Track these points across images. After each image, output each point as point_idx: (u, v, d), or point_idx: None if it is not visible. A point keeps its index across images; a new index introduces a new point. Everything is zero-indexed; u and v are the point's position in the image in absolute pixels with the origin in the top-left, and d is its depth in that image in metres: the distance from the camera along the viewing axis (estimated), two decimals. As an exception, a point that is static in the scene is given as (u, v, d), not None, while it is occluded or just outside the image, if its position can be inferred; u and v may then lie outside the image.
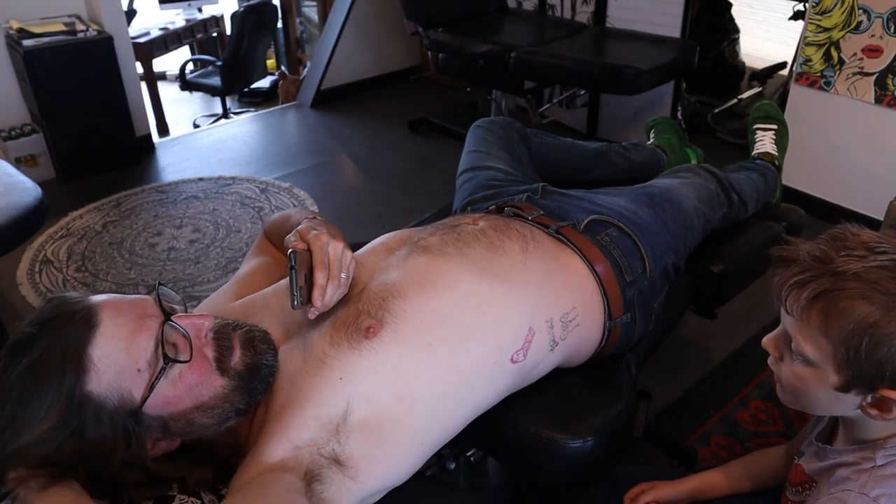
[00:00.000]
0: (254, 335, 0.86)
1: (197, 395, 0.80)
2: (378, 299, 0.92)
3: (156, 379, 0.77)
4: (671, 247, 1.23)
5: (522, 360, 0.97)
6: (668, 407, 1.86)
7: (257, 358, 0.85)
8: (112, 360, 0.75)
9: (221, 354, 0.82)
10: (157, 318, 0.80)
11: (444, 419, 0.89)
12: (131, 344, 0.77)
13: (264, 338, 0.87)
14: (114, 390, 0.75)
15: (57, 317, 0.77)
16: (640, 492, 1.10)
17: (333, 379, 0.84)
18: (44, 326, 0.76)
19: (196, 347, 0.80)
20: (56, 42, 2.96)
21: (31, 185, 1.78)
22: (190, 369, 0.79)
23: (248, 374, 0.83)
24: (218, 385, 0.81)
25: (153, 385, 0.77)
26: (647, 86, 2.62)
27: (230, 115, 4.75)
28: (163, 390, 0.78)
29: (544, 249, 1.08)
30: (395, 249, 1.05)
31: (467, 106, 3.78)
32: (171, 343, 0.79)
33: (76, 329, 0.75)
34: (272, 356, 0.87)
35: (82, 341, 0.75)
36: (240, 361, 0.83)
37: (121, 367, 0.76)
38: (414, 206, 2.91)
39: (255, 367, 0.84)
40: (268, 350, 0.86)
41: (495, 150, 1.47)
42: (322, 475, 0.78)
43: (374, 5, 4.03)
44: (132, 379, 0.76)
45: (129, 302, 0.81)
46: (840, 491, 0.80)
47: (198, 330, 0.82)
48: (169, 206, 2.99)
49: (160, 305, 0.82)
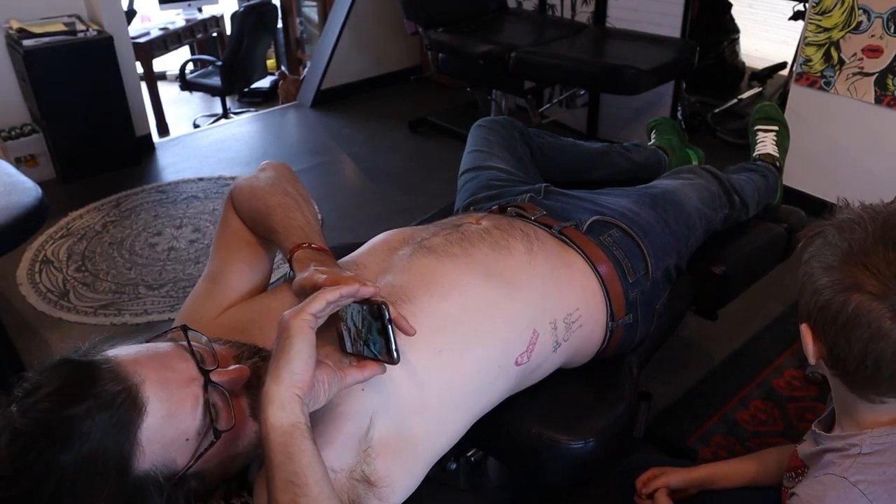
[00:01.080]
0: None
1: (233, 448, 0.78)
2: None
3: (205, 450, 0.75)
4: (673, 248, 1.23)
5: (527, 361, 0.97)
6: (668, 407, 1.86)
7: None
8: (161, 437, 0.72)
9: (254, 400, 0.78)
10: (198, 380, 0.75)
11: (451, 424, 0.89)
12: (179, 418, 0.73)
13: None
14: (160, 464, 0.72)
15: (97, 397, 0.69)
16: (652, 476, 1.10)
17: (356, 390, 0.80)
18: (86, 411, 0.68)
19: (234, 401, 0.77)
20: (56, 42, 2.96)
21: (31, 185, 1.77)
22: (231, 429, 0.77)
23: None
24: (251, 432, 0.79)
25: (201, 454, 0.75)
26: (647, 86, 2.62)
27: (230, 115, 4.74)
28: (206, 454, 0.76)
29: (548, 250, 1.08)
30: (397, 249, 1.04)
31: (467, 106, 3.78)
32: (214, 405, 0.75)
33: (124, 415, 0.69)
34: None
35: (133, 429, 0.69)
36: None
37: (169, 442, 0.73)
38: (414, 206, 2.91)
39: None
40: None
41: (497, 150, 1.47)
42: (362, 500, 0.76)
43: (374, 5, 4.03)
44: (179, 449, 0.74)
45: (168, 366, 0.75)
46: (823, 474, 0.81)
47: (235, 385, 0.78)
48: (169, 206, 2.99)
49: (193, 357, 0.77)
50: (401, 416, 0.83)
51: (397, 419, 0.82)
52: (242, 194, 1.04)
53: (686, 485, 1.09)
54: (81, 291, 2.42)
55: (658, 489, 1.08)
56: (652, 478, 1.10)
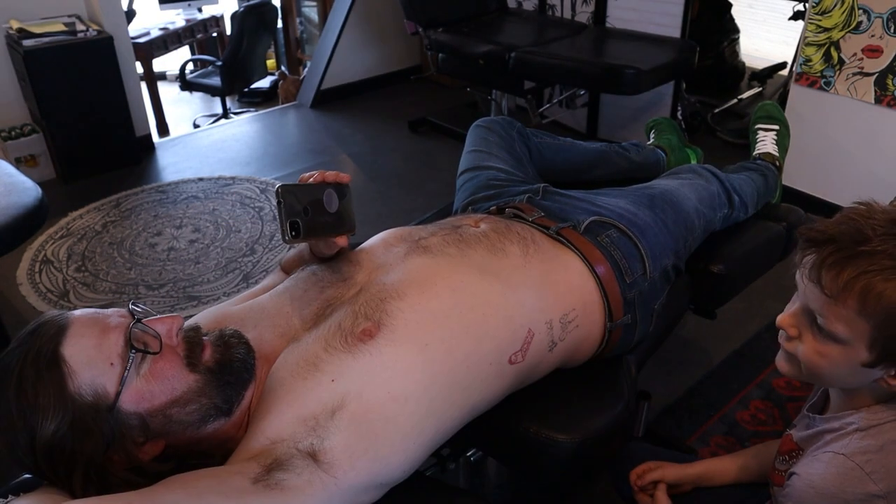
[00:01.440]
0: (224, 334, 0.88)
1: (170, 389, 0.81)
2: (376, 300, 0.92)
3: (126, 370, 0.78)
4: (671, 248, 1.23)
5: (521, 360, 0.97)
6: (668, 407, 1.86)
7: (228, 352, 0.86)
8: (83, 356, 0.78)
9: (191, 352, 0.84)
10: (127, 319, 0.83)
11: (439, 419, 0.89)
12: (101, 341, 0.79)
13: (235, 333, 0.89)
14: (88, 386, 0.77)
15: (33, 331, 0.80)
16: (647, 469, 1.10)
17: (325, 382, 0.84)
18: (21, 341, 0.80)
19: (166, 345, 0.82)
20: (56, 42, 2.96)
21: (31, 185, 1.78)
22: (160, 363, 0.81)
23: (220, 368, 0.85)
24: (190, 380, 0.82)
25: (124, 377, 0.78)
26: (647, 86, 2.62)
27: (230, 115, 4.75)
28: (135, 384, 0.79)
29: (544, 252, 1.08)
30: (393, 247, 1.05)
31: (467, 106, 3.79)
32: (141, 342, 0.81)
33: (48, 335, 0.79)
34: (244, 350, 0.88)
35: (54, 343, 0.78)
36: (210, 358, 0.85)
37: (92, 362, 0.78)
38: (414, 206, 2.91)
39: (225, 362, 0.85)
40: (239, 345, 0.88)
41: (496, 150, 1.47)
42: (289, 464, 0.78)
43: (374, 5, 4.03)
44: (105, 374, 0.78)
45: (102, 310, 0.84)
46: (822, 453, 0.84)
47: (168, 329, 0.83)
48: (169, 207, 2.99)
49: (129, 310, 0.84)
50: (379, 402, 0.84)
51: (373, 405, 0.83)
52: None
53: (681, 480, 1.09)
54: (81, 291, 2.43)
55: (658, 486, 1.08)
56: (647, 471, 1.10)
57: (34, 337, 0.79)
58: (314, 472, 0.78)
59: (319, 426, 0.81)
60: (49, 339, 0.78)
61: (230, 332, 0.89)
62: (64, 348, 0.78)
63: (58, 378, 0.76)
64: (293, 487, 0.76)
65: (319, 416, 0.81)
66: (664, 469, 1.09)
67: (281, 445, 0.80)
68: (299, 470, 0.77)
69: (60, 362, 0.77)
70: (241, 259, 2.60)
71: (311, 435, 0.80)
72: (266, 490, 0.74)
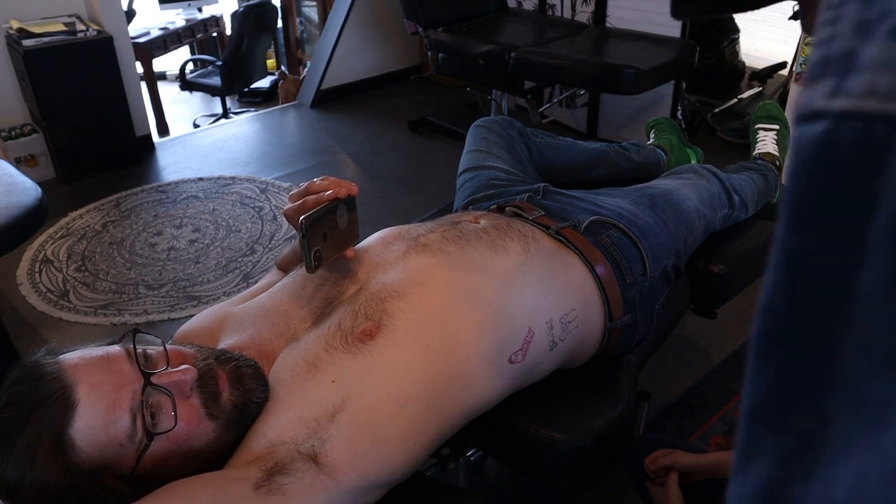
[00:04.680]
0: (242, 373, 0.84)
1: (188, 447, 0.79)
2: (376, 300, 0.92)
3: (141, 453, 0.77)
4: (671, 248, 1.23)
5: (521, 360, 0.97)
6: (668, 407, 1.86)
7: (247, 396, 0.83)
8: (92, 440, 0.75)
9: (208, 400, 0.81)
10: (136, 382, 0.77)
11: (440, 419, 0.88)
12: (109, 423, 0.75)
13: (255, 374, 0.85)
14: (99, 465, 0.75)
15: (34, 399, 0.74)
16: (661, 454, 1.10)
17: (325, 382, 0.84)
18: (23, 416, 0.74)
19: (181, 401, 0.79)
20: (56, 42, 2.96)
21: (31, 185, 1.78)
22: (178, 427, 0.78)
23: (238, 413, 0.82)
24: (209, 431, 0.80)
25: (140, 458, 0.77)
26: (647, 86, 2.62)
27: (230, 114, 4.74)
28: (151, 452, 0.77)
29: (545, 250, 1.08)
30: (391, 244, 1.05)
31: (467, 106, 3.78)
32: (153, 405, 0.77)
33: (54, 413, 0.74)
34: (262, 392, 0.85)
35: (61, 426, 0.73)
36: (228, 402, 0.82)
37: (103, 446, 0.75)
38: (414, 205, 2.91)
39: (244, 406, 0.83)
40: (258, 388, 0.84)
41: (496, 150, 1.47)
42: (291, 468, 0.77)
43: (374, 5, 4.03)
44: (117, 453, 0.76)
45: (104, 369, 0.78)
46: None
47: (181, 387, 0.79)
48: (169, 206, 2.99)
49: (136, 362, 0.79)
50: (380, 403, 0.83)
51: (374, 405, 0.83)
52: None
53: (693, 469, 1.08)
54: (81, 291, 2.43)
55: (670, 476, 1.08)
56: (661, 456, 1.10)
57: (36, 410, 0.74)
58: (315, 475, 0.78)
59: (320, 428, 0.80)
60: (56, 420, 0.73)
61: (248, 372, 0.85)
62: (73, 432, 0.74)
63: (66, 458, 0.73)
64: (295, 492, 0.76)
65: (320, 418, 0.81)
66: (677, 455, 1.08)
67: (282, 448, 0.79)
68: (300, 473, 0.77)
69: (70, 447, 0.74)
70: (241, 259, 2.60)
71: (311, 437, 0.80)
72: (268, 496, 0.74)
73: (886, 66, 0.18)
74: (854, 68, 0.19)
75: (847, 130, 0.18)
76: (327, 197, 0.95)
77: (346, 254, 0.99)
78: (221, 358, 0.85)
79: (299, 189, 1.00)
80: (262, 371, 0.87)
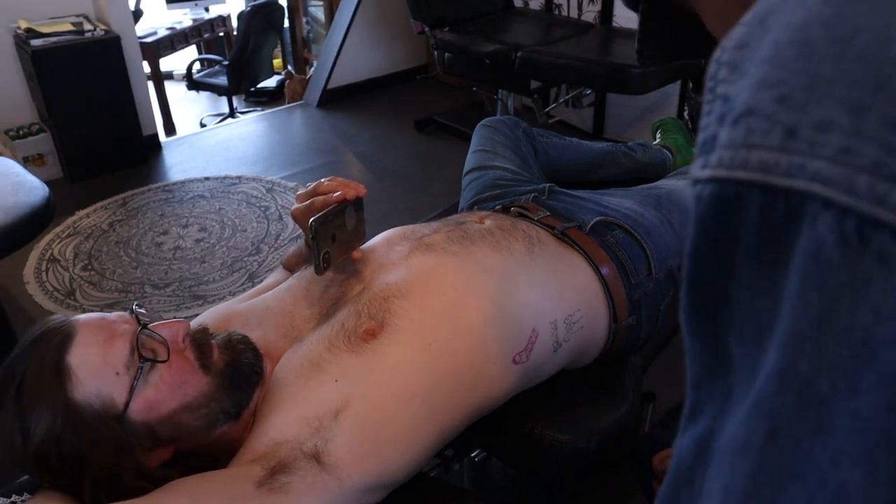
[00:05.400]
0: (231, 338, 0.88)
1: (182, 394, 0.81)
2: (379, 299, 0.92)
3: (135, 380, 0.78)
4: (677, 249, 1.22)
5: (525, 361, 0.97)
6: (673, 408, 1.85)
7: (237, 356, 0.86)
8: (89, 365, 0.77)
9: (202, 354, 0.84)
10: (133, 325, 0.82)
11: (443, 419, 0.88)
12: (107, 349, 0.79)
13: (242, 339, 0.89)
14: (95, 396, 0.77)
15: (38, 337, 0.80)
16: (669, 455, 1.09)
17: (328, 382, 0.84)
18: (26, 348, 0.79)
19: (175, 350, 0.82)
20: (64, 42, 2.98)
21: (38, 185, 1.79)
22: (170, 369, 0.80)
23: (231, 371, 0.85)
24: (203, 383, 0.82)
25: (133, 387, 0.78)
26: (653, 85, 2.61)
27: (236, 114, 4.76)
28: (145, 393, 0.79)
29: (550, 251, 1.08)
30: (395, 244, 1.05)
31: (473, 106, 3.78)
32: (149, 349, 0.81)
33: (54, 342, 0.78)
34: (252, 355, 0.88)
35: (60, 351, 0.78)
36: (220, 360, 0.85)
37: (98, 372, 0.77)
38: (419, 205, 2.91)
39: (236, 364, 0.85)
40: (247, 349, 0.88)
41: (502, 150, 1.47)
42: (293, 467, 0.77)
43: (381, 5, 4.03)
44: (112, 384, 0.78)
45: (107, 315, 0.83)
46: None
47: (174, 334, 0.83)
48: (175, 206, 3.00)
49: (136, 318, 0.84)
50: (383, 402, 0.84)
51: (377, 405, 0.83)
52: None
53: None
54: (88, 290, 2.44)
55: None
56: (668, 457, 1.09)
57: (39, 344, 0.79)
58: (318, 474, 0.78)
59: (323, 427, 0.81)
60: (55, 346, 0.78)
61: (238, 338, 0.89)
62: (70, 357, 0.77)
63: (63, 386, 0.76)
64: (297, 491, 0.76)
65: (323, 417, 0.81)
66: None
67: (285, 447, 0.79)
68: (303, 472, 0.77)
69: (66, 371, 0.77)
70: (246, 258, 2.61)
71: (314, 436, 0.80)
72: (270, 494, 0.74)
73: (729, 145, 0.26)
74: (714, 148, 0.27)
75: (706, 191, 0.27)
76: (336, 198, 0.96)
77: (354, 255, 1.00)
78: (213, 333, 0.89)
79: (307, 189, 1.01)
80: (253, 343, 0.90)
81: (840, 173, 0.23)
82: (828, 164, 0.23)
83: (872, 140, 0.23)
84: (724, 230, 0.27)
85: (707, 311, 0.30)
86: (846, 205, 0.23)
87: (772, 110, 0.25)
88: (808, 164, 0.24)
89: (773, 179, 0.25)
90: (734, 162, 0.26)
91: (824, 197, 0.23)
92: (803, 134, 0.24)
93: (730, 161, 0.26)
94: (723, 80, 0.29)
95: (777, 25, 0.27)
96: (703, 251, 0.29)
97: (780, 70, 0.25)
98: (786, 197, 0.24)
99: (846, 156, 0.23)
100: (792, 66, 0.25)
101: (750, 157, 0.25)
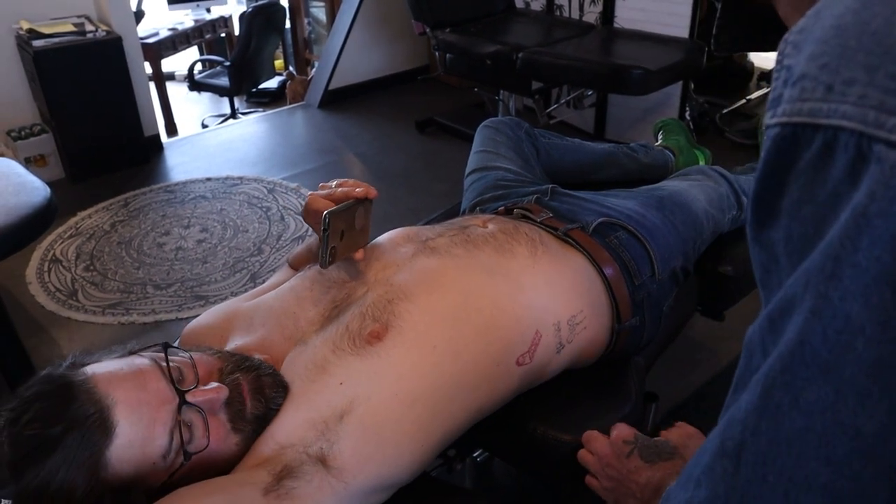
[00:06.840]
0: (263, 382, 0.85)
1: (212, 461, 0.80)
2: (383, 301, 0.92)
3: (175, 470, 0.78)
4: (680, 250, 1.23)
5: (529, 362, 0.97)
6: (675, 408, 1.85)
7: (267, 405, 0.84)
8: (130, 458, 0.75)
9: (235, 416, 0.82)
10: (172, 402, 0.78)
11: (447, 420, 0.89)
12: (147, 442, 0.76)
13: (274, 381, 0.86)
14: (128, 482, 0.76)
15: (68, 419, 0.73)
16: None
17: (333, 385, 0.84)
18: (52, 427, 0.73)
19: (211, 418, 0.80)
20: (65, 42, 2.98)
21: (40, 185, 1.79)
22: (209, 445, 0.80)
23: (258, 423, 0.83)
24: (233, 444, 0.82)
25: (174, 474, 0.78)
26: (655, 86, 2.61)
27: (238, 115, 4.76)
28: (181, 470, 0.79)
29: (553, 253, 1.08)
30: (399, 245, 1.05)
31: (475, 106, 3.78)
32: (187, 424, 0.78)
33: (94, 435, 0.73)
34: (281, 398, 0.85)
35: (100, 449, 0.74)
36: (251, 414, 0.83)
37: (137, 464, 0.76)
38: (421, 206, 2.91)
39: (265, 416, 0.84)
40: (277, 395, 0.85)
41: (504, 151, 1.47)
42: (300, 471, 0.77)
43: (382, 6, 4.04)
44: (150, 471, 0.77)
45: (140, 386, 0.77)
46: None
47: (213, 405, 0.80)
48: (177, 206, 3.00)
49: (170, 378, 0.79)
50: (387, 404, 0.84)
51: (381, 407, 0.83)
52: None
53: None
54: (90, 291, 2.44)
55: None
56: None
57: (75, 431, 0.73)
58: (324, 477, 0.78)
59: (328, 430, 0.81)
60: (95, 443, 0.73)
61: (269, 380, 0.85)
62: (111, 452, 0.74)
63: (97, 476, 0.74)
64: (304, 496, 0.76)
65: (328, 420, 0.81)
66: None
67: (290, 450, 0.79)
68: (309, 476, 0.77)
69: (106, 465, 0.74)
70: (248, 259, 2.61)
71: (320, 439, 0.80)
72: (277, 501, 0.74)
73: (789, 100, 0.38)
74: (780, 103, 0.39)
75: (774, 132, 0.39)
76: (357, 193, 0.97)
77: (356, 255, 1.00)
78: (243, 366, 0.86)
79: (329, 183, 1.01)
80: (281, 377, 0.88)
81: (858, 112, 0.34)
82: (851, 107, 0.35)
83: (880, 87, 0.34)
84: (785, 158, 0.38)
85: (765, 222, 0.41)
86: (860, 130, 0.34)
87: (817, 74, 0.37)
88: (839, 108, 0.35)
89: (818, 120, 0.36)
90: (792, 111, 0.37)
91: (849, 128, 0.35)
92: (837, 88, 0.35)
93: (790, 110, 0.38)
94: (788, 55, 0.40)
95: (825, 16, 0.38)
96: (768, 175, 0.40)
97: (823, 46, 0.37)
98: (824, 131, 0.36)
99: (863, 100, 0.34)
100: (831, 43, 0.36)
101: (803, 107, 0.37)
